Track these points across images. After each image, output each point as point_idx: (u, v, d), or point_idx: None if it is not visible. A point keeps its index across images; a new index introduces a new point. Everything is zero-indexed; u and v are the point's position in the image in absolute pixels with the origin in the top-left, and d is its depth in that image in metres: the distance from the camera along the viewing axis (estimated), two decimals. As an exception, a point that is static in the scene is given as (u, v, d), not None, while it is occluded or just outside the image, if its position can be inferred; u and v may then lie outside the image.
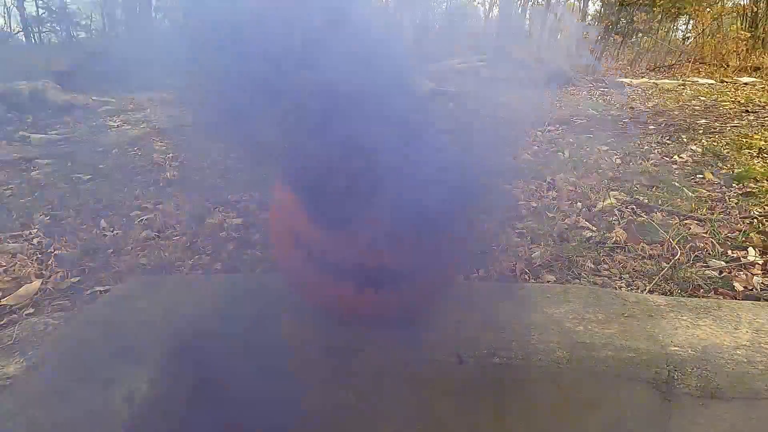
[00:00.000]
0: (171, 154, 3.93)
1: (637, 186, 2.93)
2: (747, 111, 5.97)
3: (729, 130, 4.74)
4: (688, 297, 1.59)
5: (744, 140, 4.11)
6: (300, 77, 0.65)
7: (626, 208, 2.51)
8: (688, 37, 17.35)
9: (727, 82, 10.31)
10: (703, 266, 1.82)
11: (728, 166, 3.32)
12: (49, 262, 2.02)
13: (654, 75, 13.07)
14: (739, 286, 1.68)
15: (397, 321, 1.00)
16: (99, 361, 0.90)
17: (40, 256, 2.10)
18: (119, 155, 3.97)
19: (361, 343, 0.96)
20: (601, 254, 1.96)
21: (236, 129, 0.70)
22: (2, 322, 1.57)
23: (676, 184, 2.93)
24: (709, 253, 1.93)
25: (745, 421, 0.90)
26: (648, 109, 6.52)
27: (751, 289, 1.67)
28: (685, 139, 4.29)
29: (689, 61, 14.39)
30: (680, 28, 18.41)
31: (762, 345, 0.93)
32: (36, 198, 2.94)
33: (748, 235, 2.07)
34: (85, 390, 0.82)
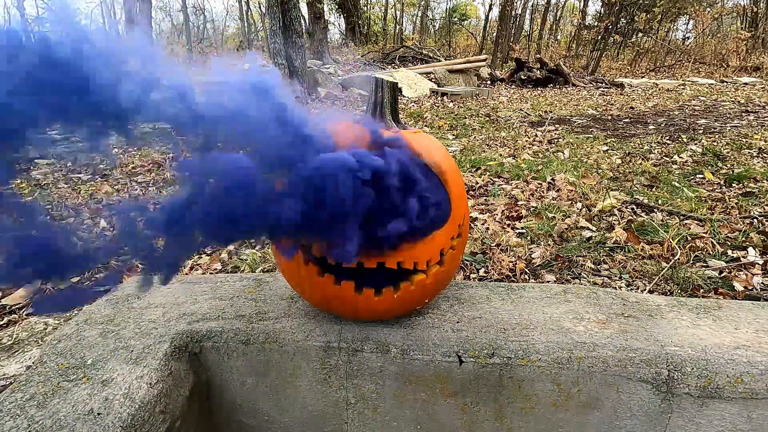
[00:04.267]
0: (171, 154, 3.94)
1: (637, 186, 2.94)
2: (747, 111, 5.97)
3: (729, 130, 4.74)
4: (688, 297, 1.59)
5: (744, 140, 4.11)
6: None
7: (626, 208, 2.51)
8: (688, 37, 17.38)
9: (727, 82, 10.33)
10: (703, 266, 1.82)
11: (728, 166, 3.32)
12: (49, 262, 2.02)
13: (654, 75, 13.09)
14: (739, 286, 1.68)
15: (397, 321, 1.00)
16: (99, 361, 0.90)
17: (40, 256, 2.10)
18: (119, 155, 3.97)
19: (361, 343, 0.96)
20: (601, 254, 1.96)
21: None
22: (2, 322, 1.57)
23: (676, 184, 2.93)
24: (709, 253, 1.93)
25: (745, 421, 0.90)
26: (648, 109, 6.52)
27: (751, 289, 1.67)
28: (685, 139, 4.29)
29: (689, 61, 14.41)
30: (680, 28, 18.45)
31: (762, 345, 0.93)
32: (36, 198, 2.94)
33: (748, 235, 2.07)
34: (85, 390, 0.82)
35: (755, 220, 2.26)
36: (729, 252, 1.94)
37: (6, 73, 0.55)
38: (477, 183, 3.05)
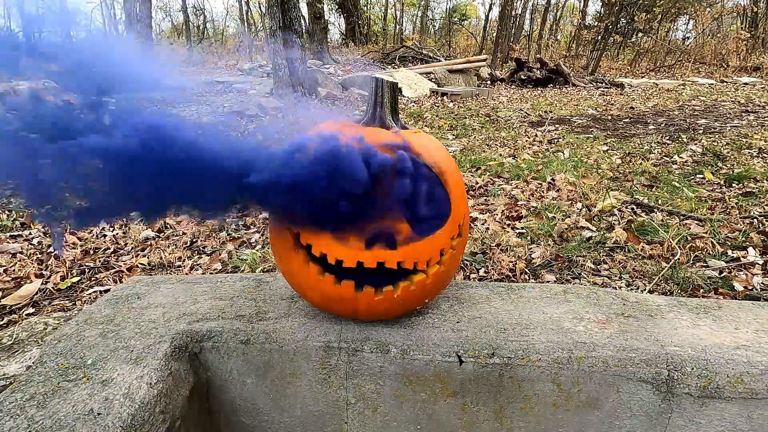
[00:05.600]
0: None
1: (637, 186, 2.94)
2: (747, 111, 5.97)
3: (729, 130, 4.74)
4: (688, 297, 1.59)
5: (744, 140, 4.11)
6: None
7: (626, 208, 2.51)
8: (688, 37, 17.38)
9: (727, 82, 10.33)
10: (703, 266, 1.82)
11: (728, 166, 3.32)
12: (49, 262, 2.03)
13: (654, 75, 13.08)
14: (739, 286, 1.68)
15: (397, 321, 1.00)
16: (98, 361, 0.90)
17: (40, 256, 2.10)
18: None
19: (361, 343, 0.96)
20: (601, 254, 1.96)
21: None
22: (2, 322, 1.57)
23: (676, 184, 2.93)
24: (709, 253, 1.93)
25: (745, 421, 0.90)
26: (648, 109, 6.51)
27: (751, 289, 1.67)
28: (685, 139, 4.29)
29: (689, 61, 14.42)
30: (680, 28, 18.45)
31: (762, 345, 0.93)
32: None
33: (748, 235, 2.07)
34: (85, 390, 0.82)
35: (755, 220, 2.26)
36: (729, 252, 1.95)
37: None
38: (477, 183, 3.05)
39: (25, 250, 2.16)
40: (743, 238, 2.04)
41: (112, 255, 2.14)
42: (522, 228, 2.25)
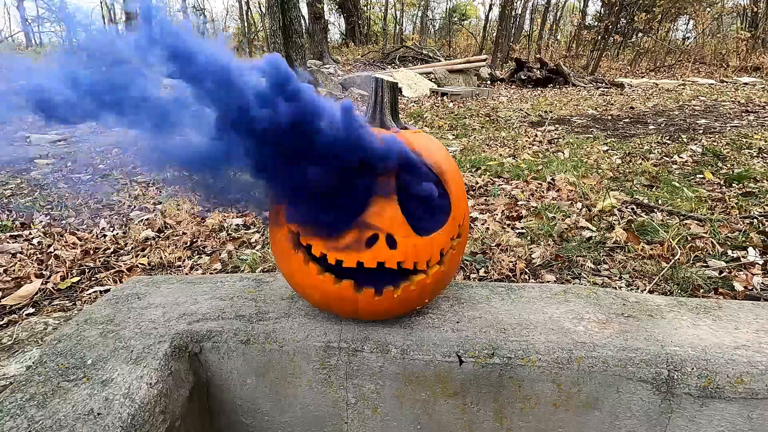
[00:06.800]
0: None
1: (637, 186, 2.94)
2: (747, 111, 5.98)
3: (729, 130, 4.74)
4: (688, 297, 1.59)
5: (744, 140, 4.11)
6: None
7: (626, 208, 2.51)
8: (688, 37, 17.39)
9: (727, 82, 10.32)
10: (703, 266, 1.82)
11: (728, 166, 3.33)
12: (49, 262, 2.02)
13: (654, 75, 13.09)
14: (739, 286, 1.68)
15: (397, 321, 1.00)
16: (98, 361, 0.90)
17: (40, 256, 2.10)
18: (119, 155, 3.97)
19: (361, 343, 0.96)
20: (601, 254, 1.96)
21: None
22: (2, 322, 1.57)
23: (676, 184, 2.93)
24: (709, 253, 1.93)
25: (745, 421, 0.90)
26: (648, 109, 6.51)
27: (751, 289, 1.67)
28: (685, 139, 4.29)
29: (689, 61, 14.41)
30: (680, 28, 18.45)
31: (762, 345, 0.93)
32: (36, 198, 2.94)
33: (748, 235, 2.07)
34: (85, 390, 0.82)
35: (755, 220, 2.26)
36: (729, 252, 1.95)
37: None
38: (477, 183, 3.05)
39: (25, 250, 2.16)
40: (743, 238, 2.05)
41: (112, 255, 2.14)
42: (522, 228, 2.25)
